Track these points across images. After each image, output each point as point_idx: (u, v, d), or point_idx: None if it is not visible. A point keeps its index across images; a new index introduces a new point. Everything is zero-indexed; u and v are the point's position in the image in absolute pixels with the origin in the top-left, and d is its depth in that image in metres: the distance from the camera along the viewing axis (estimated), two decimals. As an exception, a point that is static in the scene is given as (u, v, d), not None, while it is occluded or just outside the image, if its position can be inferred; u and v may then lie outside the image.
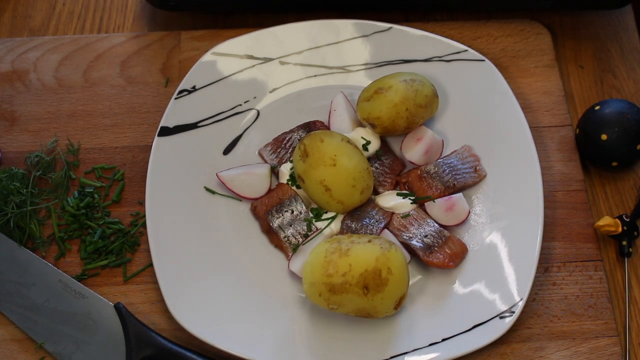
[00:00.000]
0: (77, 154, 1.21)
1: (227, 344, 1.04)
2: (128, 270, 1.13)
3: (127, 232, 1.14)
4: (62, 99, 1.26)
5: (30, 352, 1.07)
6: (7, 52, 1.29)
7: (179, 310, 1.06)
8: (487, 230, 1.12)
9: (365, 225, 1.11)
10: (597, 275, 1.12)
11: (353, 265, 1.01)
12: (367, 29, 1.26)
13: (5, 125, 1.23)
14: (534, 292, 1.11)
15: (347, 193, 1.10)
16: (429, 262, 1.09)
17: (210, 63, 1.23)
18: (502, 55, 1.29)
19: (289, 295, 1.09)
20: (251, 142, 1.20)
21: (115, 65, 1.28)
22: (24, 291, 1.09)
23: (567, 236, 1.15)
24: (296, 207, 1.13)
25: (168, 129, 1.18)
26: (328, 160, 1.09)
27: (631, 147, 1.16)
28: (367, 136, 1.17)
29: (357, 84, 1.24)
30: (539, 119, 1.24)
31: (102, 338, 1.05)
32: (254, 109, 1.23)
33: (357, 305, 1.02)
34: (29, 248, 1.13)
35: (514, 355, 1.07)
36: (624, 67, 1.32)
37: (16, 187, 1.14)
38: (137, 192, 1.18)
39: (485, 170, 1.16)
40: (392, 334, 1.06)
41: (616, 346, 1.08)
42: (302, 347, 1.06)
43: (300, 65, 1.25)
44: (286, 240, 1.11)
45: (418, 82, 1.16)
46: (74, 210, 1.15)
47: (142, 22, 1.36)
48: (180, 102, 1.20)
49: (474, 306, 1.07)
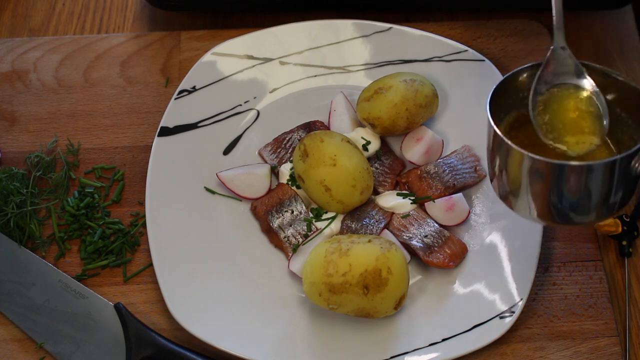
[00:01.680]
0: (77, 154, 1.21)
1: (227, 344, 1.04)
2: (128, 270, 1.13)
3: (127, 232, 1.14)
4: (62, 99, 1.26)
5: (30, 352, 1.07)
6: (7, 52, 1.30)
7: (179, 310, 1.06)
8: (487, 230, 1.12)
9: (365, 225, 1.11)
10: (597, 275, 1.12)
11: (353, 265, 1.01)
12: (367, 29, 1.26)
13: (5, 125, 1.23)
14: (534, 292, 1.11)
15: (347, 193, 1.10)
16: (429, 262, 1.09)
17: (210, 63, 1.23)
18: (502, 55, 1.29)
19: (289, 295, 1.09)
20: (251, 142, 1.20)
21: (115, 65, 1.28)
22: (24, 291, 1.09)
23: (567, 236, 1.15)
24: (296, 207, 1.13)
25: (168, 129, 1.18)
26: (328, 160, 1.09)
27: (631, 147, 1.16)
28: (367, 136, 1.17)
29: (357, 84, 1.24)
30: (539, 119, 1.24)
31: (102, 338, 1.05)
32: (254, 109, 1.23)
33: (357, 305, 1.02)
34: (29, 248, 1.13)
35: (514, 355, 1.07)
36: (624, 67, 1.31)
37: (16, 187, 1.14)
38: (137, 192, 1.18)
39: (485, 170, 1.16)
40: (392, 334, 1.06)
41: (616, 346, 1.08)
42: (302, 347, 1.06)
43: (301, 65, 1.25)
44: (286, 240, 1.11)
45: (418, 82, 1.16)
46: (74, 210, 1.15)
47: (142, 22, 1.36)
48: (180, 102, 1.20)
49: (474, 306, 1.07)
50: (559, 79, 1.01)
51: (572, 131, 0.99)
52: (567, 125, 1.00)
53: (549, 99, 1.01)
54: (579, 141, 0.99)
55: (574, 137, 0.99)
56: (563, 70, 1.02)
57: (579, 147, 0.98)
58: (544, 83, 1.01)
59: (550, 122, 1.00)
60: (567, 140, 0.99)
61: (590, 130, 0.99)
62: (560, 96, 1.01)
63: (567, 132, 0.99)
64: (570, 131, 0.99)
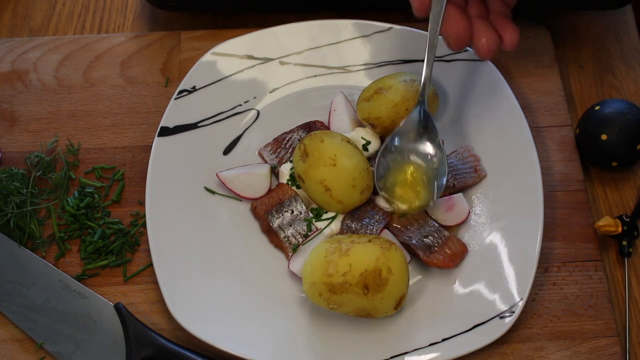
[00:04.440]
0: (77, 154, 1.21)
1: (227, 344, 1.04)
2: (128, 270, 1.13)
3: (127, 232, 1.14)
4: (62, 99, 1.26)
5: (30, 352, 1.07)
6: (7, 52, 1.30)
7: (179, 310, 1.06)
8: (487, 230, 1.12)
9: (365, 225, 1.11)
10: (597, 275, 1.12)
11: (353, 265, 1.01)
12: (367, 29, 1.26)
13: (5, 125, 1.23)
14: (534, 292, 1.11)
15: (347, 193, 1.10)
16: (429, 262, 1.09)
17: (210, 63, 1.23)
18: (502, 55, 1.29)
19: (289, 295, 1.09)
20: (251, 142, 1.20)
21: (115, 65, 1.28)
22: (24, 291, 1.09)
23: (567, 236, 1.15)
24: (296, 207, 1.13)
25: (168, 129, 1.18)
26: (328, 160, 1.09)
27: (631, 147, 1.16)
28: (367, 136, 1.17)
29: (357, 84, 1.24)
30: (539, 119, 1.24)
31: (102, 338, 1.05)
32: (254, 109, 1.23)
33: (357, 305, 1.02)
34: (29, 248, 1.13)
35: (514, 355, 1.07)
36: (623, 67, 1.32)
37: (16, 187, 1.14)
38: (137, 192, 1.18)
39: (485, 170, 1.16)
40: (392, 334, 1.06)
41: (616, 346, 1.08)
42: (302, 347, 1.06)
43: (301, 65, 1.25)
44: (286, 240, 1.11)
45: (418, 82, 1.16)
46: (74, 210, 1.15)
47: (142, 22, 1.36)
48: (180, 102, 1.20)
49: (474, 306, 1.07)
50: (402, 141, 1.11)
51: (405, 194, 1.11)
52: (401, 188, 1.11)
53: (391, 163, 1.11)
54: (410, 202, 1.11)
55: (406, 199, 1.11)
56: (408, 131, 1.11)
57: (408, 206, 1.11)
58: (390, 146, 1.11)
59: (390, 184, 1.11)
60: (400, 198, 1.11)
61: (419, 194, 1.11)
62: (398, 162, 1.11)
63: (401, 194, 1.11)
64: (403, 194, 1.11)
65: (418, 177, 1.11)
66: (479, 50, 1.04)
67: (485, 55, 1.04)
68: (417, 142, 1.11)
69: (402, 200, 1.11)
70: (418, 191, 1.10)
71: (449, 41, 1.06)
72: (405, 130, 1.11)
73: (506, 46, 1.05)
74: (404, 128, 1.11)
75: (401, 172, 1.11)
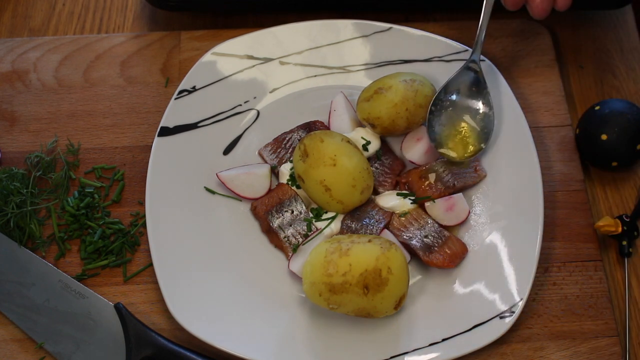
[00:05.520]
0: (77, 154, 1.21)
1: (227, 344, 1.04)
2: (128, 270, 1.13)
3: (127, 232, 1.14)
4: (62, 99, 1.26)
5: (30, 352, 1.07)
6: (7, 52, 1.30)
7: (179, 310, 1.06)
8: (487, 230, 1.12)
9: (365, 225, 1.11)
10: (597, 275, 1.12)
11: (353, 265, 1.01)
12: (367, 29, 1.26)
13: (5, 125, 1.23)
14: (534, 292, 1.11)
15: (347, 193, 1.10)
16: (429, 262, 1.09)
17: (210, 63, 1.23)
18: (502, 55, 1.29)
19: (289, 295, 1.09)
20: (251, 142, 1.20)
21: (115, 65, 1.28)
22: (24, 291, 1.09)
23: (567, 236, 1.15)
24: (296, 207, 1.13)
25: (168, 129, 1.18)
26: (328, 160, 1.09)
27: (631, 147, 1.16)
28: (367, 136, 1.17)
29: (357, 84, 1.24)
30: (539, 119, 1.24)
31: (102, 338, 1.05)
32: (254, 109, 1.23)
33: (357, 305, 1.02)
34: (29, 248, 1.13)
35: (514, 355, 1.07)
36: (623, 67, 1.32)
37: (16, 187, 1.14)
38: (137, 192, 1.18)
39: (485, 170, 1.16)
40: (392, 334, 1.06)
41: (616, 346, 1.08)
42: (302, 347, 1.06)
43: (301, 65, 1.25)
44: (286, 240, 1.11)
45: (418, 82, 1.16)
46: (74, 210, 1.15)
47: (142, 22, 1.36)
48: (180, 102, 1.20)
49: (474, 306, 1.07)
50: (453, 95, 1.17)
51: (456, 142, 1.16)
52: (452, 137, 1.16)
53: (443, 112, 1.16)
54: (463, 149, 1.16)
55: (458, 146, 1.16)
56: (460, 86, 1.17)
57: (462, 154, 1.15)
58: (442, 97, 1.17)
59: (441, 133, 1.15)
60: (451, 148, 1.15)
61: (471, 141, 1.16)
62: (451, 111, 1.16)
63: (452, 141, 1.16)
64: (454, 141, 1.16)
65: (473, 127, 1.16)
66: (533, 10, 1.11)
67: (538, 15, 1.11)
68: (469, 97, 1.17)
69: (454, 150, 1.15)
70: (468, 142, 1.16)
71: (506, 0, 1.12)
72: (458, 82, 1.18)
73: (559, 7, 1.11)
74: (457, 80, 1.18)
75: (453, 126, 1.16)
